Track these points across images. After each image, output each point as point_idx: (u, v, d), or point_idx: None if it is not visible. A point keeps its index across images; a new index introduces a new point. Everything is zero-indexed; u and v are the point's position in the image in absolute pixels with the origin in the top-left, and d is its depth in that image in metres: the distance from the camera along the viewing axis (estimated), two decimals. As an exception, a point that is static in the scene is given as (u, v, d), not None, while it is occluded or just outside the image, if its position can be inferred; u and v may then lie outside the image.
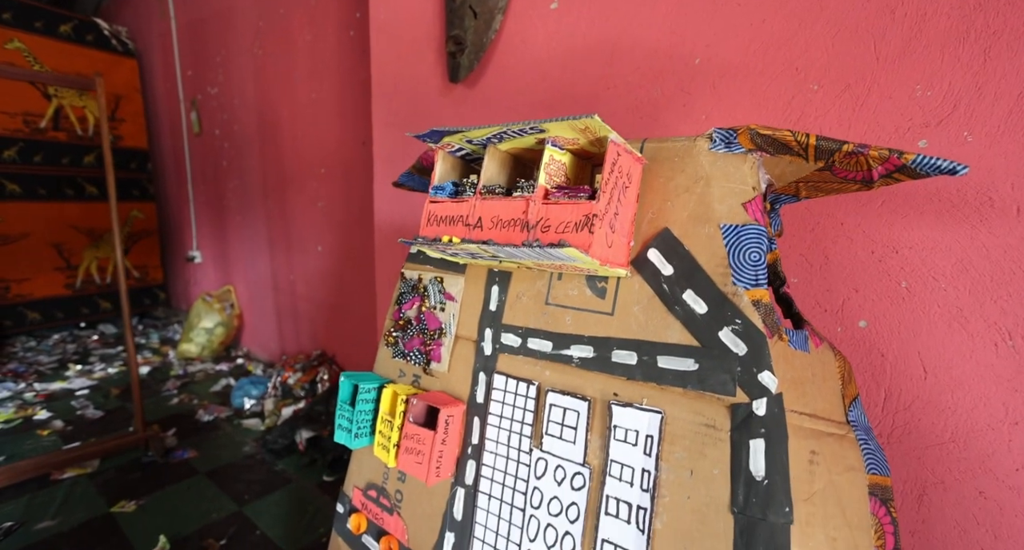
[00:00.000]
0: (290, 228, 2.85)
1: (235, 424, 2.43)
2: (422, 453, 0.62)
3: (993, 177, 0.58)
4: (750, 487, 0.43)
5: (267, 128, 2.86)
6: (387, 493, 0.72)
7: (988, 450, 0.62)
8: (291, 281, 2.90)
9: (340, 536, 0.78)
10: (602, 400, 0.53)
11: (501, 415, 0.61)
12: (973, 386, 0.62)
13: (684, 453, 0.47)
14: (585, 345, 0.55)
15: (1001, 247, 0.59)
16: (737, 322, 0.45)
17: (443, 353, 0.68)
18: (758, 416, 0.43)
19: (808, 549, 0.41)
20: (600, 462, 0.52)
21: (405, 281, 0.75)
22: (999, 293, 0.59)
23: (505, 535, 0.58)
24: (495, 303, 0.64)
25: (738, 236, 0.47)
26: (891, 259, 0.66)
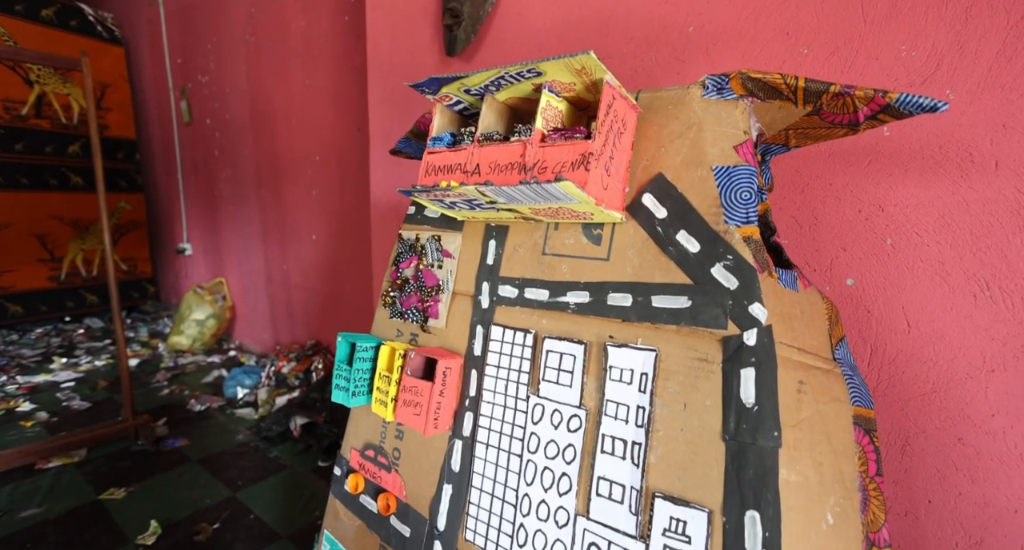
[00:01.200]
0: (284, 217, 2.84)
1: (228, 413, 2.42)
2: (420, 404, 0.63)
3: (974, 133, 0.61)
4: (741, 414, 0.44)
5: (260, 116, 2.85)
6: (384, 452, 0.73)
7: (966, 398, 0.64)
8: (285, 271, 2.89)
9: (337, 499, 0.79)
10: (598, 343, 0.54)
11: (499, 365, 0.62)
12: (953, 337, 0.64)
13: (678, 387, 0.48)
14: (581, 291, 0.56)
15: (980, 201, 0.61)
16: (729, 258, 0.46)
17: (440, 309, 0.69)
18: (748, 346, 0.44)
19: (795, 472, 0.43)
20: (596, 403, 0.53)
21: (402, 241, 0.76)
22: (978, 246, 0.62)
23: (503, 481, 0.59)
24: (492, 257, 0.65)
25: (730, 176, 0.48)
26: (877, 217, 0.68)
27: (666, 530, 0.46)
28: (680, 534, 0.46)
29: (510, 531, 0.58)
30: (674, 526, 0.46)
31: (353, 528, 0.75)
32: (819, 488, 0.44)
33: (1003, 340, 0.61)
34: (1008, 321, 0.61)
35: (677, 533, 0.46)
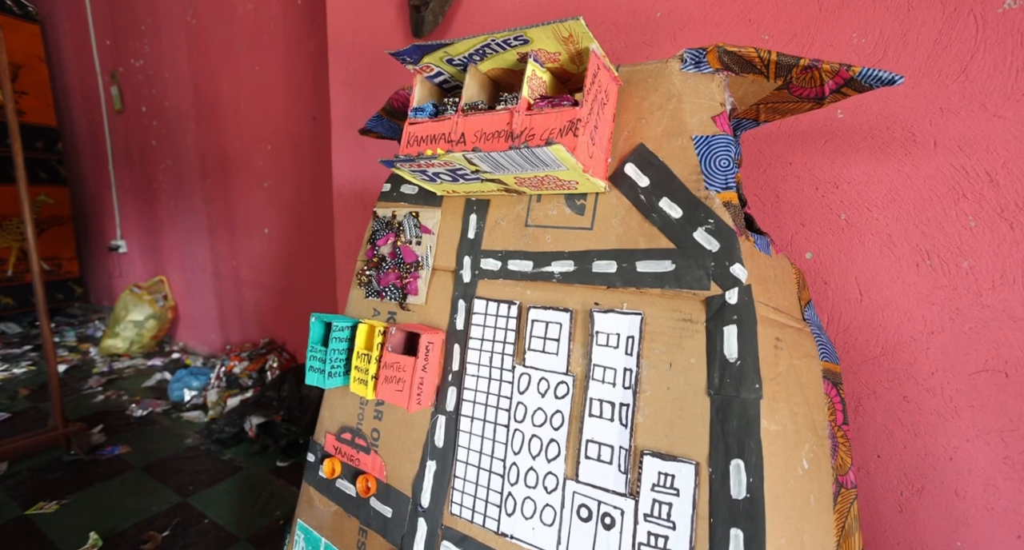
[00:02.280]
0: (233, 210, 2.71)
1: (174, 417, 2.28)
2: (402, 381, 0.62)
3: (916, 114, 0.66)
4: (724, 369, 0.46)
5: (205, 104, 2.69)
6: (362, 434, 0.71)
7: (910, 359, 0.70)
8: (234, 267, 2.75)
9: (312, 486, 0.76)
10: (583, 310, 0.55)
11: (482, 338, 0.62)
12: (899, 303, 0.70)
13: (663, 348, 0.50)
14: (566, 260, 0.57)
15: (922, 177, 0.67)
16: (710, 222, 0.48)
17: (420, 286, 0.68)
18: (731, 305, 0.47)
19: (774, 421, 0.45)
20: (583, 369, 0.54)
21: (378, 219, 0.74)
22: (920, 218, 0.67)
23: (489, 453, 0.59)
24: (473, 231, 0.65)
25: (709, 145, 0.50)
26: (832, 194, 0.72)
27: (655, 485, 0.48)
28: (669, 487, 0.47)
29: (498, 501, 0.58)
30: (663, 481, 0.48)
31: (329, 514, 0.73)
32: (795, 436, 0.47)
33: (941, 304, 0.67)
34: (945, 287, 0.67)
35: (666, 487, 0.48)
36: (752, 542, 0.43)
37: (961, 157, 0.64)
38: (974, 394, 0.67)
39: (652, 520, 0.48)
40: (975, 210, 0.64)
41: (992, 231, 0.63)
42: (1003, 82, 0.61)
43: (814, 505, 0.47)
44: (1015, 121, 0.61)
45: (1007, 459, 0.66)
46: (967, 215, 0.64)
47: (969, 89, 0.62)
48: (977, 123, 0.62)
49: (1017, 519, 0.66)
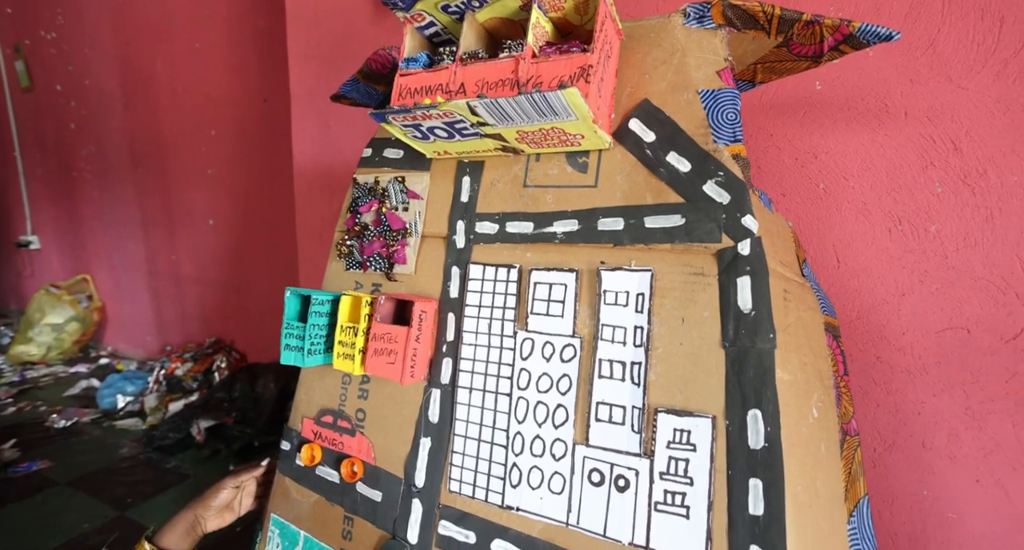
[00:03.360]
0: (172, 201, 2.51)
1: (106, 426, 2.10)
2: (395, 352, 0.58)
3: (888, 86, 0.69)
4: (739, 320, 0.46)
5: (135, 83, 2.48)
6: (346, 415, 0.67)
7: (883, 321, 0.73)
8: (174, 262, 2.55)
9: (287, 476, 0.70)
10: (589, 270, 0.53)
11: (480, 305, 0.59)
12: (873, 268, 0.73)
13: (675, 303, 0.49)
14: (569, 219, 0.55)
15: (894, 146, 0.70)
16: (720, 174, 0.48)
17: (408, 254, 0.64)
18: (743, 256, 0.47)
19: (787, 371, 0.46)
20: (590, 330, 0.53)
21: (359, 186, 0.70)
22: (892, 186, 0.71)
23: (490, 424, 0.57)
24: (467, 194, 0.62)
25: (715, 99, 0.50)
26: (811, 164, 0.75)
27: (670, 442, 0.47)
28: (685, 443, 0.47)
29: (501, 473, 0.55)
30: (678, 437, 0.47)
31: (309, 504, 0.67)
32: (805, 386, 0.48)
33: (911, 267, 0.71)
34: (915, 250, 0.71)
35: (682, 443, 0.47)
36: (771, 490, 0.43)
37: (929, 127, 0.67)
38: (940, 351, 0.71)
39: (668, 478, 0.47)
40: (941, 177, 0.68)
41: (956, 196, 0.67)
42: (966, 55, 0.65)
43: (824, 452, 0.48)
44: (976, 92, 0.65)
45: (968, 409, 0.70)
46: (934, 182, 0.68)
47: (936, 62, 0.66)
48: (943, 94, 0.66)
49: (975, 465, 0.71)
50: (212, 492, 0.69)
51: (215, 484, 0.71)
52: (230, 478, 0.71)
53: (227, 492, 0.70)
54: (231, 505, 0.71)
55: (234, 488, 0.70)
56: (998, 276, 0.66)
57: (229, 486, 0.70)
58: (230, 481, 0.70)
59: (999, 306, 0.67)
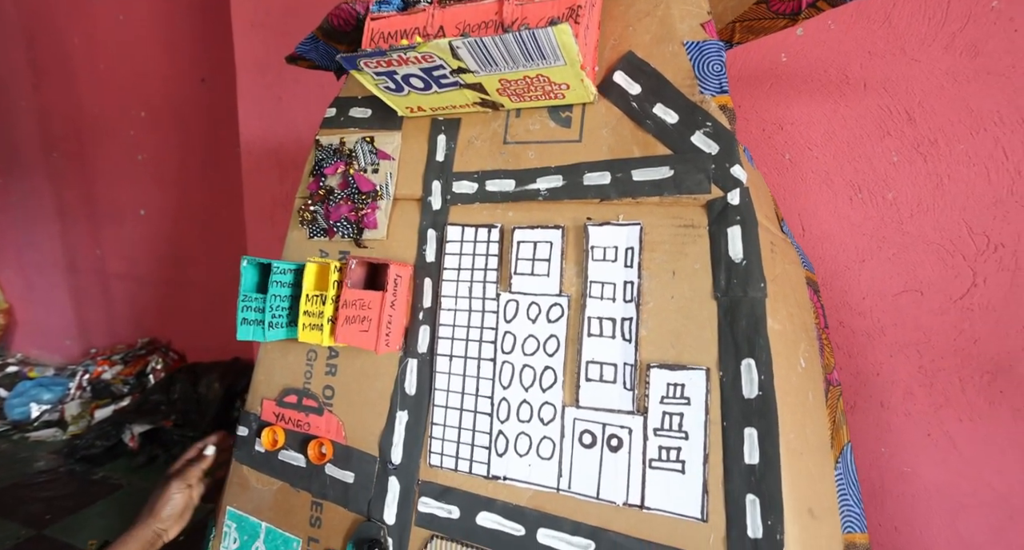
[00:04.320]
0: (94, 190, 2.30)
1: (16, 439, 1.90)
2: (368, 319, 0.54)
3: (848, 59, 0.72)
4: (731, 270, 0.45)
5: (46, 60, 2.25)
6: (312, 393, 0.62)
7: (845, 287, 0.76)
8: (98, 257, 2.34)
9: (245, 464, 0.64)
10: (575, 226, 0.52)
11: (459, 267, 0.56)
12: (836, 235, 0.76)
13: (665, 257, 0.48)
14: (553, 175, 0.53)
15: (854, 116, 0.73)
16: (708, 125, 0.48)
17: (379, 218, 0.60)
18: (733, 206, 0.46)
19: (777, 320, 0.46)
20: (578, 288, 0.51)
21: (322, 148, 0.64)
22: (853, 155, 0.74)
23: (473, 392, 0.54)
24: (443, 153, 0.59)
25: (701, 50, 0.49)
26: (777, 135, 0.77)
27: (664, 397, 0.46)
28: (679, 397, 0.46)
29: (486, 442, 0.52)
30: (672, 392, 0.46)
31: (271, 493, 0.62)
32: (793, 336, 0.48)
33: (870, 233, 0.74)
34: (873, 218, 0.74)
35: (676, 397, 0.46)
36: (766, 438, 0.42)
37: (886, 98, 0.71)
38: (896, 313, 0.74)
39: (663, 434, 0.46)
40: (897, 146, 0.71)
41: (910, 164, 0.71)
42: (919, 29, 0.68)
43: (812, 401, 0.48)
44: (927, 64, 0.68)
45: (921, 368, 0.74)
46: (891, 151, 0.71)
47: (892, 34, 0.69)
48: (898, 66, 0.70)
49: (927, 420, 0.75)
50: (162, 503, 0.63)
51: (160, 492, 0.64)
52: (176, 481, 0.64)
53: (179, 497, 0.64)
54: (187, 508, 0.65)
55: (185, 490, 0.64)
56: (947, 240, 0.70)
57: (179, 490, 0.64)
58: (177, 484, 0.64)
59: (948, 268, 0.71)
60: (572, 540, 0.48)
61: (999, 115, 0.65)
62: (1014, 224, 0.67)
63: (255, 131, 1.20)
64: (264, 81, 1.17)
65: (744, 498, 0.42)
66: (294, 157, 1.14)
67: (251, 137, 1.20)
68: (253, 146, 1.20)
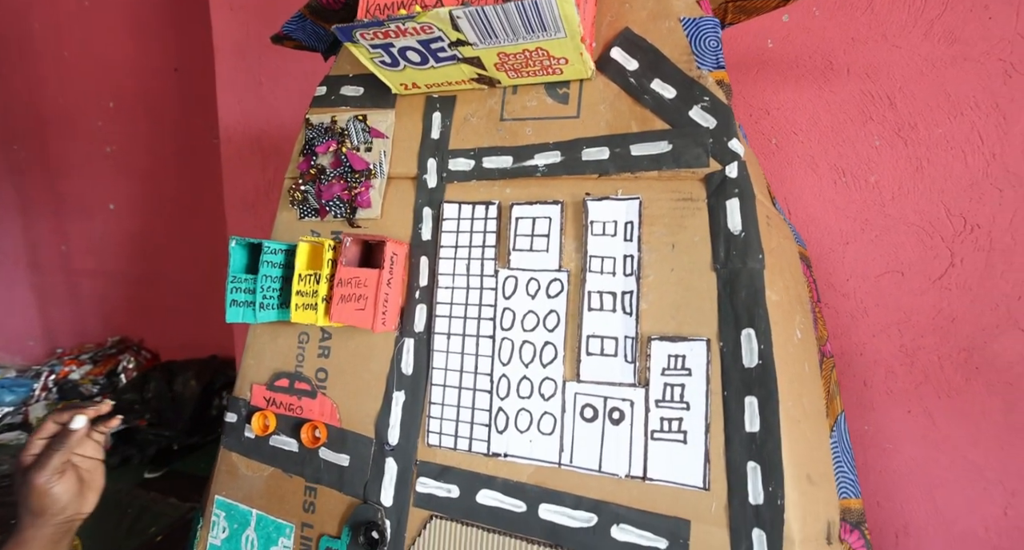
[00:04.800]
0: (59, 183, 2.21)
1: (-22, 443, 1.80)
2: (364, 297, 0.53)
3: (832, 45, 0.74)
4: (730, 242, 0.46)
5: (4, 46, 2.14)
6: (304, 377, 0.60)
7: (830, 268, 0.78)
8: (63, 254, 2.25)
9: (235, 451, 0.62)
10: (574, 202, 0.52)
11: (456, 245, 0.55)
12: (821, 218, 0.78)
13: (664, 230, 0.48)
14: (551, 151, 0.53)
15: (838, 101, 0.75)
16: (705, 99, 0.48)
17: (373, 197, 0.59)
18: (731, 178, 0.47)
19: (775, 292, 0.46)
20: (577, 263, 0.51)
21: (312, 127, 0.63)
22: (837, 139, 0.75)
23: (472, 370, 0.53)
24: (438, 130, 0.58)
25: (697, 26, 0.50)
26: (764, 120, 0.78)
27: (665, 369, 0.46)
28: (680, 369, 0.46)
29: (486, 420, 0.52)
30: (673, 363, 0.46)
31: (262, 480, 0.60)
32: (789, 308, 0.49)
33: (854, 216, 0.76)
34: (856, 200, 0.76)
35: (677, 368, 0.46)
36: (766, 406, 0.43)
37: (868, 83, 0.73)
38: (878, 294, 0.77)
39: (664, 405, 0.46)
40: (879, 130, 0.73)
41: (892, 148, 0.73)
42: (899, 15, 0.70)
43: (808, 371, 0.49)
44: (908, 50, 0.70)
45: (902, 347, 0.77)
46: (873, 135, 0.73)
47: (874, 21, 0.71)
48: (880, 52, 0.72)
49: (907, 397, 0.78)
50: (40, 503, 0.49)
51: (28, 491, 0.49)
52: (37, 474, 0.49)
53: (58, 489, 0.50)
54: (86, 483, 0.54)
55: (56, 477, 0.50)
56: (926, 221, 0.72)
57: (51, 482, 0.49)
58: (42, 476, 0.49)
59: (927, 249, 0.73)
60: (574, 514, 0.47)
61: (974, 100, 0.68)
62: (988, 206, 0.69)
63: (235, 117, 1.17)
64: (244, 65, 1.14)
65: (745, 465, 0.43)
66: (277, 143, 1.11)
67: (231, 123, 1.17)
68: (233, 133, 1.17)
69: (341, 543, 0.55)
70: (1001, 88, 0.66)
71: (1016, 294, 0.70)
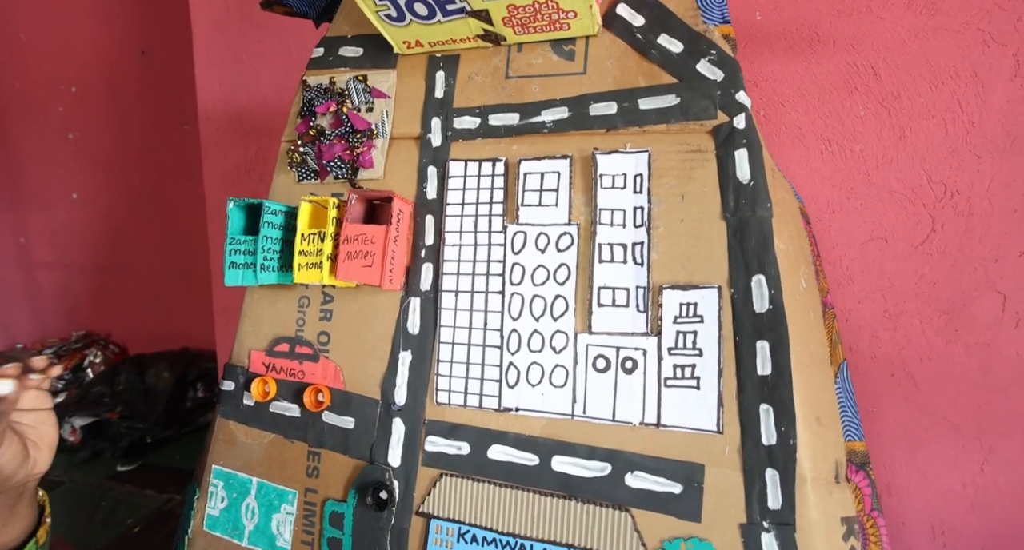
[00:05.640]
0: (16, 172, 2.10)
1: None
2: (372, 254, 0.52)
3: (819, 16, 0.76)
4: (739, 191, 0.47)
5: (-40, 26, 2.03)
6: (306, 341, 0.59)
7: (817, 237, 0.80)
8: (22, 246, 2.14)
9: (232, 419, 0.60)
10: (582, 157, 0.52)
11: (463, 202, 0.55)
12: (808, 188, 0.80)
13: (673, 182, 0.49)
14: (558, 107, 0.53)
15: (824, 72, 0.77)
16: (712, 53, 0.49)
17: (375, 157, 0.58)
18: (739, 129, 0.48)
19: (782, 240, 0.47)
20: (587, 216, 0.51)
21: (310, 88, 0.61)
22: (823, 110, 0.78)
23: (481, 326, 0.53)
24: (441, 89, 0.57)
25: (702, -17, 0.51)
26: (752, 92, 0.80)
27: (677, 317, 0.47)
28: (692, 316, 0.47)
29: (496, 375, 0.52)
30: (685, 311, 0.47)
31: (262, 447, 0.58)
32: (794, 257, 0.50)
33: (839, 185, 0.79)
34: (842, 170, 0.78)
35: (688, 316, 0.47)
36: (778, 350, 0.44)
37: (853, 54, 0.75)
38: (863, 261, 0.79)
39: (677, 352, 0.47)
40: (864, 100, 0.76)
41: (876, 118, 0.75)
42: (883, -11, 0.73)
43: (813, 319, 0.51)
44: (891, 21, 0.73)
45: (885, 312, 0.80)
46: (858, 105, 0.76)
47: (859, -6, 0.74)
48: (864, 24, 0.74)
49: (891, 361, 0.81)
50: None
51: None
52: None
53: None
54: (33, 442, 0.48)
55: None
56: (909, 189, 0.75)
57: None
58: None
59: (909, 216, 0.76)
60: (588, 464, 0.48)
61: (954, 69, 0.71)
62: (967, 172, 0.73)
63: (215, 95, 1.13)
64: (223, 42, 1.10)
65: (758, 408, 0.44)
66: (259, 122, 1.08)
67: (210, 102, 1.13)
68: (213, 111, 1.13)
69: (347, 506, 0.54)
70: (980, 57, 0.69)
71: (993, 258, 0.74)
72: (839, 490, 0.45)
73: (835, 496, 0.45)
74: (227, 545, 0.59)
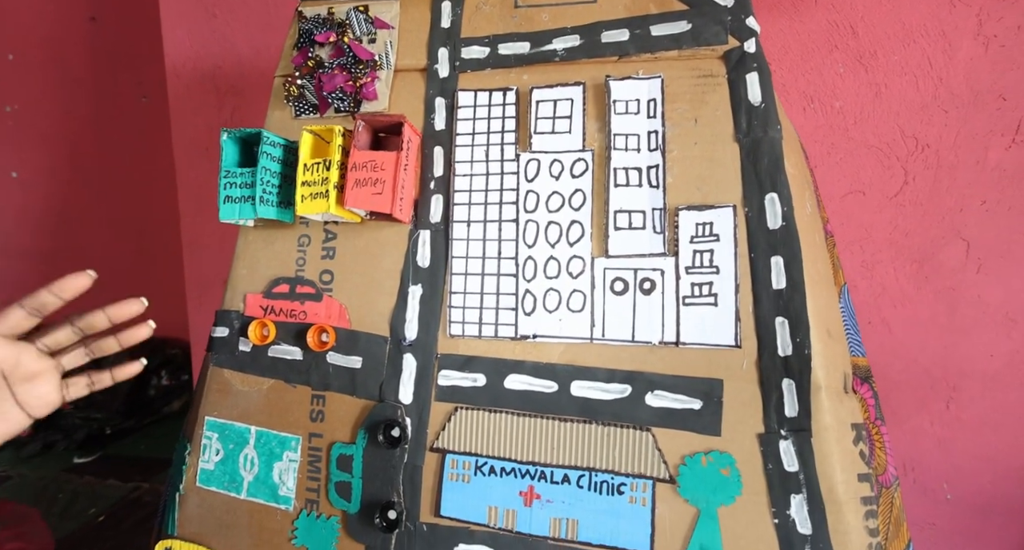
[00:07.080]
0: (-55, 147, 1.92)
1: None
2: (382, 181, 0.50)
3: (801, -23, 0.79)
4: (751, 113, 0.48)
5: None
6: (307, 280, 0.56)
7: (801, 192, 0.84)
8: (-47, 228, 1.96)
9: (225, 367, 0.57)
10: (595, 84, 0.52)
11: (473, 132, 0.54)
12: (792, 144, 0.83)
13: (686, 106, 0.50)
14: (569, 35, 0.53)
15: (807, 31, 0.80)
16: (722, -20, 0.50)
17: (380, 88, 0.56)
18: (750, 53, 0.49)
19: (790, 164, 0.49)
20: (601, 142, 0.51)
21: (305, 19, 0.59)
22: (805, 68, 0.81)
23: (495, 255, 0.52)
24: (448, 19, 0.56)
25: (710, -86, 0.52)
26: (739, 49, 0.82)
27: (693, 237, 0.48)
28: (708, 235, 0.47)
29: (512, 304, 0.51)
30: (700, 230, 0.48)
31: (261, 394, 0.55)
32: (802, 181, 0.52)
33: (821, 140, 0.82)
34: (823, 126, 0.82)
35: (705, 235, 0.48)
36: (792, 264, 0.45)
37: (834, 13, 0.79)
38: (844, 213, 0.83)
39: (695, 271, 0.47)
40: (843, 58, 0.79)
41: (854, 75, 0.79)
42: (860, -50, 0.77)
43: (818, 241, 0.52)
44: (868, -17, 0.77)
45: (863, 262, 0.84)
46: (838, 63, 0.80)
47: (838, -46, 0.77)
48: (843, -16, 0.78)
49: (868, 309, 0.85)
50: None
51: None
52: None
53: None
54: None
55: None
56: (884, 143, 0.80)
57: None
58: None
59: (885, 169, 0.80)
60: (607, 387, 0.48)
61: (925, 28, 0.75)
62: (936, 127, 0.77)
63: (184, 52, 1.06)
64: (192, -3, 1.04)
65: (774, 321, 0.45)
66: (233, 80, 1.03)
67: (180, 59, 1.06)
68: (183, 70, 1.06)
69: (356, 447, 0.52)
70: (947, 17, 0.74)
71: (959, 207, 0.79)
72: (848, 399, 0.47)
73: (845, 404, 0.46)
74: (223, 499, 0.55)
